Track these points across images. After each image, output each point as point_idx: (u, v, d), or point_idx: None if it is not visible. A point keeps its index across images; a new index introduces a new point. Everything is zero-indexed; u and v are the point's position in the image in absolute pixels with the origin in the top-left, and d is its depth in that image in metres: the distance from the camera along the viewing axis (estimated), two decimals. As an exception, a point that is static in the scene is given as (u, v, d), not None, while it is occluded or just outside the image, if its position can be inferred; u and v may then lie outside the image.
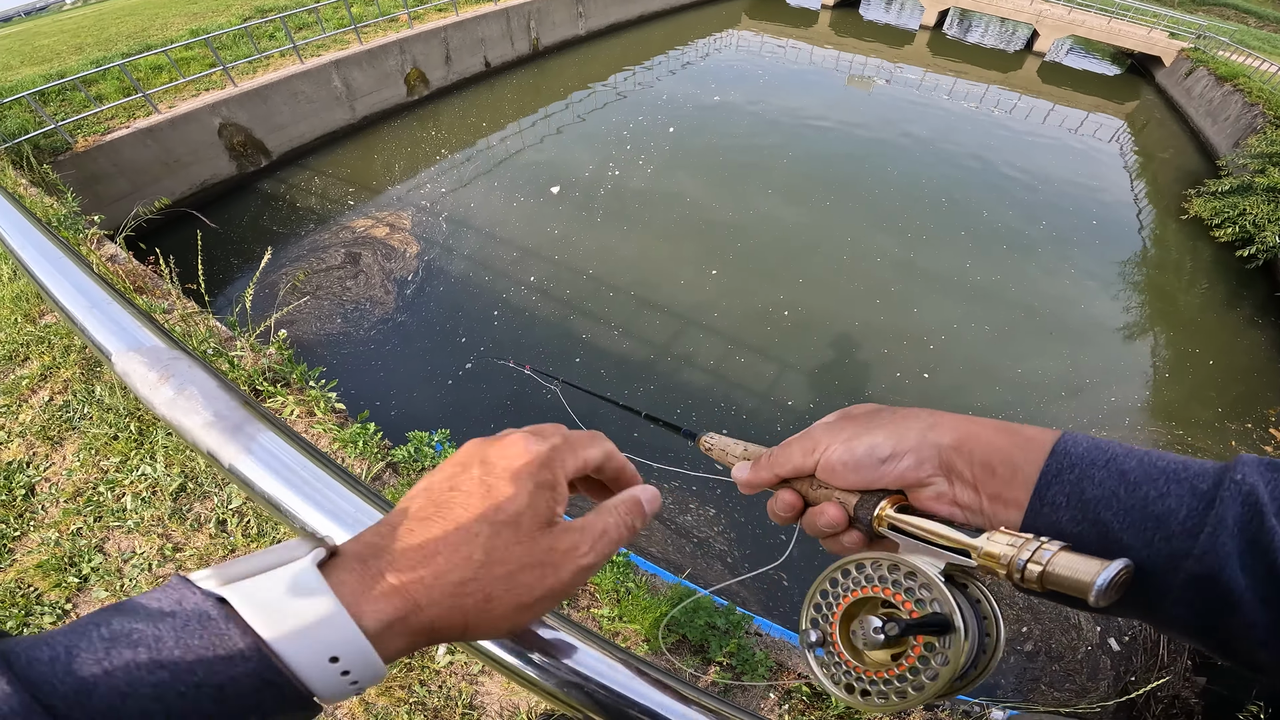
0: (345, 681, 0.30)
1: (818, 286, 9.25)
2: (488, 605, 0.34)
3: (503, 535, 0.36)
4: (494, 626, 0.36)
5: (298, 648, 0.29)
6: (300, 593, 0.30)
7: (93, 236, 5.50)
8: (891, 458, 0.43)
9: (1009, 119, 16.87)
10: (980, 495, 0.40)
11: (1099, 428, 7.36)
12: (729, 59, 19.71)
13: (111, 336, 0.69)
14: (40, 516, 2.85)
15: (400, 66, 13.85)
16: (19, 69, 11.74)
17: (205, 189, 10.68)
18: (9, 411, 3.37)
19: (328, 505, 0.53)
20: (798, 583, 5.70)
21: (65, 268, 0.85)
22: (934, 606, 0.39)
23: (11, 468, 3.05)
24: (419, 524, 0.35)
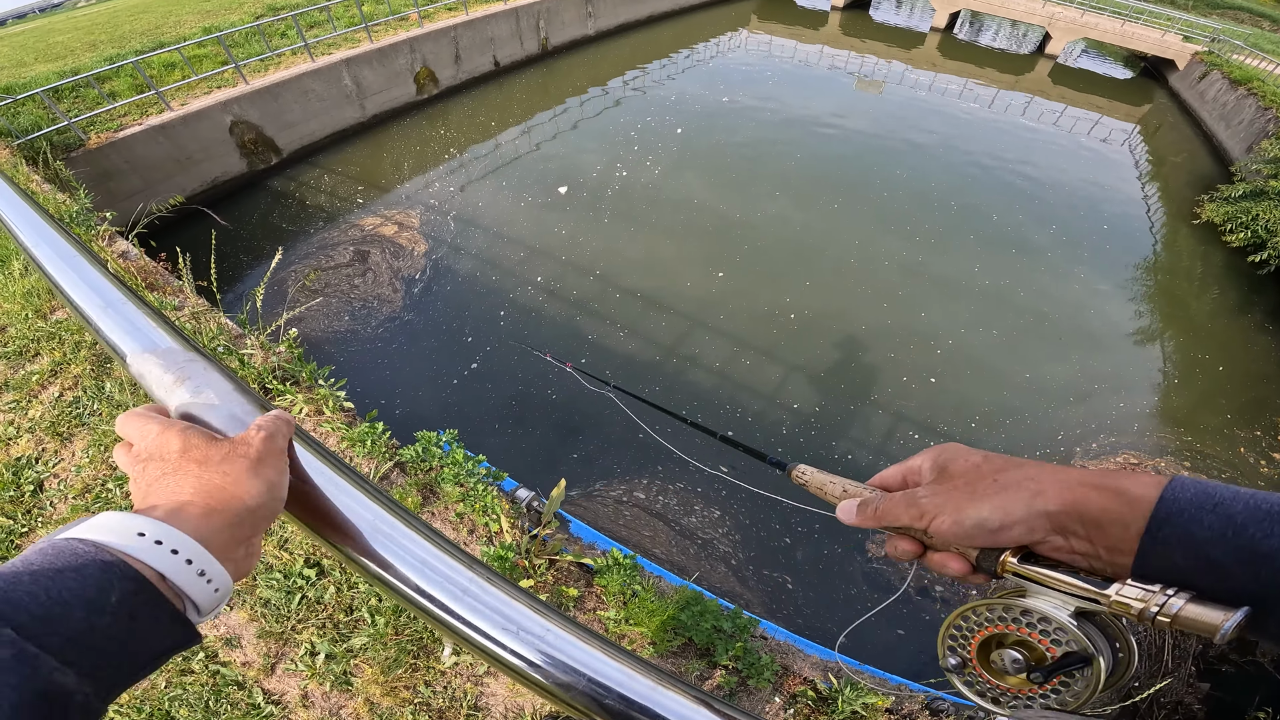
0: (161, 551, 0.40)
1: (825, 289, 9.23)
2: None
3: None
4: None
5: (116, 538, 0.39)
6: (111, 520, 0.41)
7: (104, 233, 5.54)
8: (1002, 529, 0.46)
9: (1020, 122, 16.78)
10: (1096, 546, 0.43)
11: (1107, 433, 7.32)
12: (738, 60, 19.68)
13: (126, 337, 0.69)
14: (48, 513, 2.85)
15: (410, 65, 13.90)
16: (33, 65, 11.84)
17: (216, 186, 10.75)
18: (19, 407, 3.39)
19: (346, 509, 0.54)
20: (802, 586, 5.69)
21: (79, 266, 0.84)
22: (1070, 645, 0.44)
23: (20, 463, 3.06)
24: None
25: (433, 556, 0.53)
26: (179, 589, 0.40)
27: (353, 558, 0.53)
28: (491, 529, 2.60)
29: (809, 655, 3.24)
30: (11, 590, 0.33)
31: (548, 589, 2.44)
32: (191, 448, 0.49)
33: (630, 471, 6.50)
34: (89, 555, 0.36)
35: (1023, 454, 5.23)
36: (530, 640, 0.49)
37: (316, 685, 2.28)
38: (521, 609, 0.51)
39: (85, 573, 0.35)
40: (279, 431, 0.54)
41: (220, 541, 0.44)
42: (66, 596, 0.34)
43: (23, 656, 0.30)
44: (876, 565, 5.90)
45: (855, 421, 7.26)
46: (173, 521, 0.42)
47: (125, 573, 0.37)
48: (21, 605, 0.32)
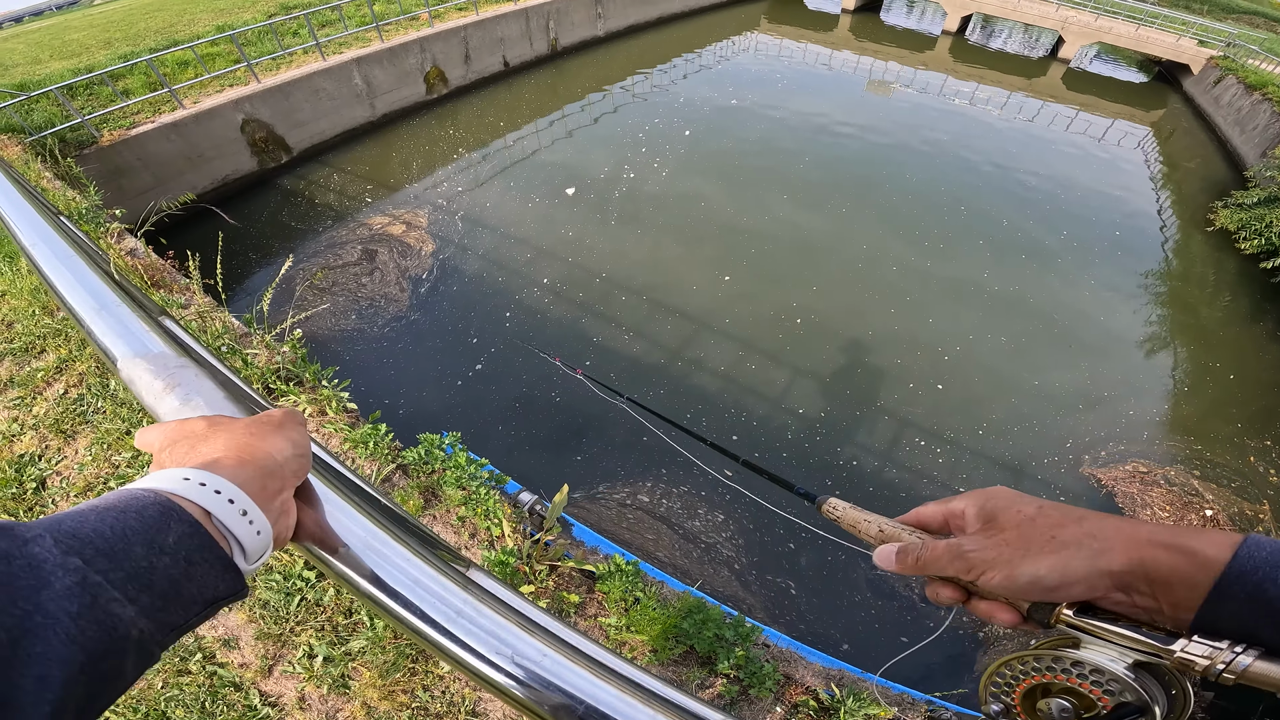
0: (205, 491, 0.42)
1: (832, 293, 9.19)
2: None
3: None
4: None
5: (162, 482, 0.42)
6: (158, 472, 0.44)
7: (113, 230, 5.57)
8: (1061, 587, 0.44)
9: (1031, 126, 16.67)
10: (1160, 603, 0.41)
11: (1116, 441, 7.25)
12: (747, 62, 19.65)
13: (119, 340, 0.68)
14: (50, 511, 2.85)
15: (420, 65, 13.95)
16: (48, 63, 11.96)
17: (226, 184, 10.82)
18: (24, 404, 3.39)
19: (336, 523, 0.54)
20: (805, 591, 5.66)
21: (75, 266, 0.84)
22: (1125, 696, 0.43)
23: (24, 460, 3.06)
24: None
25: (426, 575, 0.52)
26: (225, 527, 0.42)
27: (343, 575, 0.52)
28: (493, 533, 2.58)
29: (811, 663, 3.21)
30: (80, 525, 0.34)
31: (549, 595, 2.42)
32: (215, 423, 0.51)
33: (634, 474, 6.49)
34: (148, 498, 0.38)
35: (1030, 461, 5.21)
36: (526, 666, 0.48)
37: (314, 688, 2.27)
38: (518, 633, 0.49)
39: (146, 514, 0.37)
40: (298, 411, 0.57)
41: (255, 489, 0.45)
42: (129, 534, 0.35)
43: (86, 584, 0.31)
44: (881, 573, 5.82)
45: (861, 427, 7.22)
46: (212, 470, 0.44)
47: (181, 515, 0.39)
48: (87, 539, 0.33)
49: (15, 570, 0.29)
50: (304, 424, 0.56)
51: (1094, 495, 6.68)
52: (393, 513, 0.90)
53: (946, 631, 5.47)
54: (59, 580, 0.30)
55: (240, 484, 0.44)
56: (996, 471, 6.80)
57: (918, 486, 6.62)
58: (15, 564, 0.30)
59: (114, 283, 0.83)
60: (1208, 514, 6.47)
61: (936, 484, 6.66)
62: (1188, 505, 6.56)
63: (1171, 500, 6.60)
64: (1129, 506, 6.51)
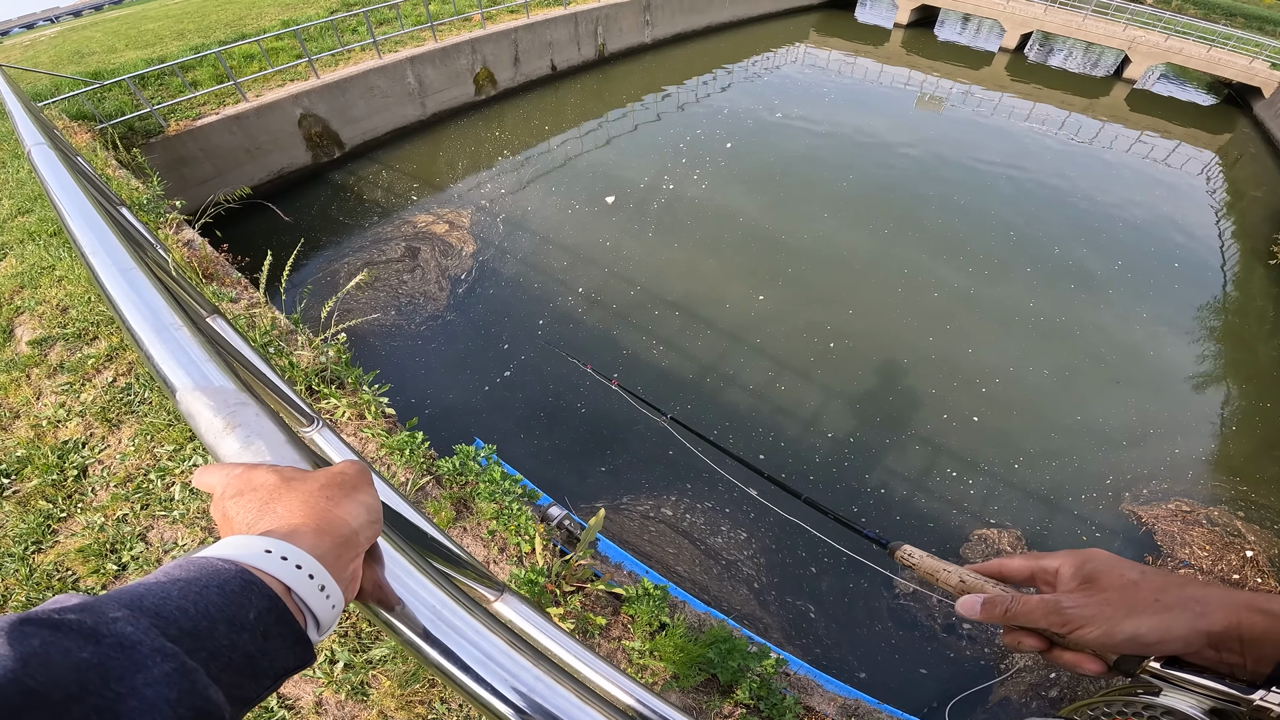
0: (287, 566, 0.41)
1: (868, 316, 9.05)
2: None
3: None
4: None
5: (245, 553, 0.41)
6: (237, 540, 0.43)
7: (172, 221, 5.79)
8: (1158, 644, 0.48)
9: (1090, 148, 16.12)
10: (1245, 659, 0.46)
11: (1159, 479, 7.00)
12: (794, 74, 19.49)
13: (179, 369, 0.65)
14: (89, 499, 2.85)
15: (471, 66, 14.22)
16: (123, 52, 12.54)
17: (282, 176, 11.21)
18: (72, 390, 3.40)
19: (393, 579, 0.54)
20: (824, 617, 5.60)
21: (136, 281, 0.81)
22: None
23: (67, 447, 3.06)
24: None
25: (486, 640, 0.51)
26: (304, 603, 0.41)
27: (395, 629, 0.52)
28: (523, 549, 2.64)
29: (828, 691, 3.19)
30: (163, 603, 0.33)
31: (575, 616, 2.46)
32: (288, 478, 0.50)
33: (659, 488, 6.51)
34: (230, 572, 0.38)
35: (1066, 496, 5.10)
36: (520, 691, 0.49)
37: (332, 693, 2.26)
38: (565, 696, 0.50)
39: (228, 589, 0.36)
40: (366, 467, 0.57)
41: (331, 560, 0.45)
42: (213, 612, 0.35)
43: (184, 670, 0.30)
44: (903, 602, 5.76)
45: (891, 454, 7.10)
46: (291, 541, 0.43)
47: (263, 590, 0.38)
48: (171, 618, 0.33)
49: (106, 650, 0.28)
50: (372, 482, 0.55)
51: (1133, 533, 6.46)
52: (431, 540, 0.93)
53: (954, 663, 5.36)
54: (156, 665, 0.29)
55: (319, 556, 0.44)
56: (1031, 505, 6.63)
57: (947, 517, 6.49)
58: (105, 643, 0.29)
59: (169, 292, 0.80)
60: (1248, 555, 6.23)
61: (967, 514, 6.52)
62: (1228, 546, 6.32)
63: (1212, 540, 6.36)
64: (1168, 545, 6.30)
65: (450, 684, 0.49)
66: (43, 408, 3.29)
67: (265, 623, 0.38)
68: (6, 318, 4.02)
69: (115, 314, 0.75)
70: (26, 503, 2.81)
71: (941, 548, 6.17)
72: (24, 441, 3.06)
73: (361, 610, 0.53)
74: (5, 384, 3.42)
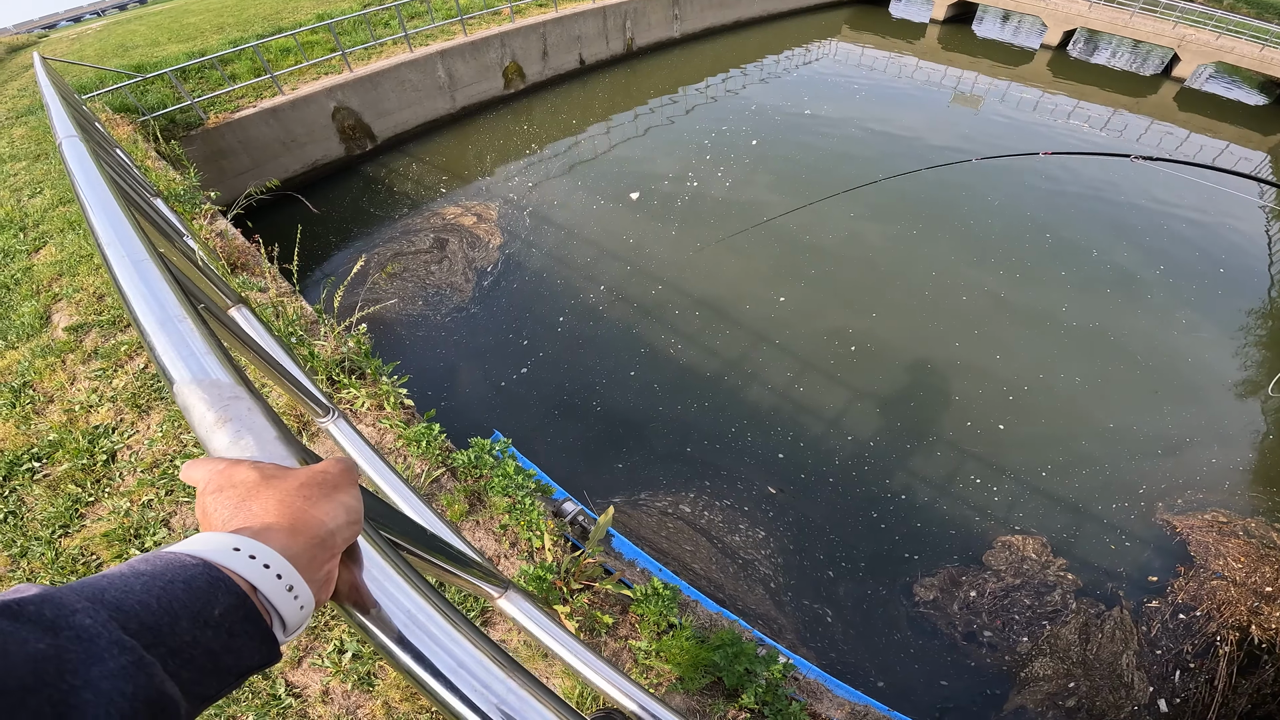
0: (255, 565, 0.41)
1: (893, 319, 8.87)
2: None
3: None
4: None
5: (212, 550, 0.40)
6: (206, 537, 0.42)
7: (206, 212, 5.95)
8: None
9: (1137, 148, 15.57)
10: None
11: (1195, 489, 6.77)
12: (824, 70, 19.18)
13: (178, 361, 0.65)
14: (116, 484, 2.90)
15: (500, 60, 14.31)
16: (166, 45, 12.91)
17: (315, 169, 11.43)
18: (105, 376, 3.48)
19: (371, 581, 0.53)
20: (841, 622, 5.53)
21: (147, 273, 0.81)
22: None
23: (98, 432, 3.12)
24: None
25: (462, 650, 0.50)
26: (270, 603, 0.41)
27: (368, 631, 0.51)
28: (534, 544, 2.65)
29: (837, 695, 3.15)
30: (125, 596, 0.33)
31: (582, 614, 2.46)
32: (268, 476, 0.49)
33: (677, 485, 6.49)
34: (196, 568, 0.37)
35: (1096, 505, 5.02)
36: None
37: (339, 683, 2.28)
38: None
39: (194, 585, 0.36)
40: (352, 465, 0.55)
41: (304, 562, 0.44)
42: (176, 607, 0.34)
43: (141, 664, 0.30)
44: (922, 610, 5.66)
45: (912, 460, 6.97)
46: (262, 539, 0.43)
47: (229, 588, 0.38)
48: (132, 612, 0.32)
49: (63, 642, 0.28)
50: (357, 481, 0.55)
51: (1166, 543, 6.27)
52: (433, 537, 0.92)
53: (974, 672, 5.26)
54: (113, 658, 0.29)
55: (290, 557, 0.43)
56: (1059, 513, 6.46)
57: (970, 524, 6.36)
58: (63, 635, 0.29)
59: (180, 284, 0.80)
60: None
61: (991, 520, 6.38)
62: (1264, 558, 6.10)
63: (1247, 552, 6.14)
64: (1201, 556, 6.11)
65: (422, 691, 0.48)
66: (76, 393, 3.39)
67: (231, 620, 0.37)
68: (45, 304, 4.16)
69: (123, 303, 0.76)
70: (56, 486, 2.88)
71: (964, 554, 6.05)
72: (56, 426, 3.15)
73: (336, 608, 0.53)
74: (41, 369, 3.53)
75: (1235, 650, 5.30)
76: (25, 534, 2.70)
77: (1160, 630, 5.55)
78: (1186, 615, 5.67)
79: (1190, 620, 5.63)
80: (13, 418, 3.25)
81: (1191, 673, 5.25)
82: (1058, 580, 5.88)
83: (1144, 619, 5.63)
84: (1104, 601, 5.74)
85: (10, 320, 4.04)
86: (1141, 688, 5.09)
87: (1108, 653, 5.34)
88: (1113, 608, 5.68)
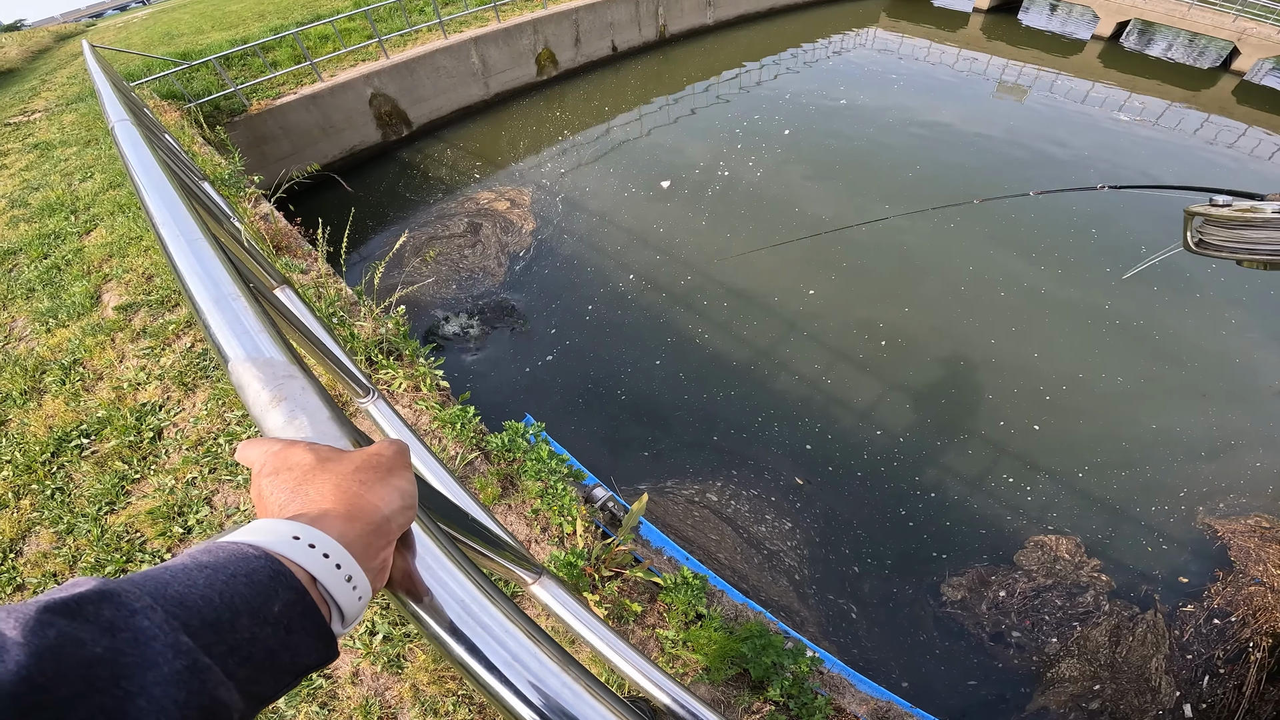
0: (315, 554, 0.40)
1: (926, 314, 8.67)
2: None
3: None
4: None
5: (273, 539, 0.39)
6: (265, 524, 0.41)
7: (250, 195, 6.10)
8: None
9: (1192, 141, 14.87)
10: None
11: (1238, 493, 6.53)
12: (861, 58, 18.71)
13: (233, 339, 0.65)
14: (162, 461, 2.94)
15: (533, 46, 14.30)
16: (209, 33, 13.22)
17: (353, 154, 11.62)
18: (153, 354, 3.56)
19: (425, 569, 0.52)
20: (865, 619, 5.48)
21: (201, 252, 0.81)
22: None
23: (145, 409, 3.18)
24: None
25: (515, 641, 0.48)
26: (329, 594, 0.40)
27: (420, 620, 0.50)
28: (565, 530, 2.66)
29: (859, 691, 3.13)
30: (187, 592, 0.32)
31: (612, 601, 2.47)
32: (323, 458, 0.48)
33: (704, 473, 6.49)
34: (259, 562, 0.36)
35: (1134, 507, 4.95)
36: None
37: (369, 665, 2.30)
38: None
39: (255, 579, 0.35)
40: (405, 448, 0.54)
41: (360, 549, 0.43)
42: (237, 603, 0.33)
43: (195, 669, 0.29)
44: (949, 610, 5.58)
45: (943, 457, 6.84)
46: (319, 526, 0.42)
47: (290, 582, 0.37)
48: (195, 608, 0.32)
49: (120, 645, 0.27)
50: (410, 465, 0.54)
51: (1205, 547, 6.07)
52: (473, 521, 0.92)
53: (1000, 672, 5.17)
54: (168, 663, 0.28)
55: (348, 544, 0.42)
56: (1095, 514, 6.29)
57: (1001, 523, 6.23)
58: (120, 637, 0.28)
59: (233, 264, 0.81)
60: (1327, 576, 5.78)
61: (1024, 520, 6.24)
62: None
63: None
64: (1241, 561, 5.91)
65: (473, 682, 0.47)
66: (124, 370, 3.48)
67: (289, 616, 0.36)
68: (95, 284, 4.29)
69: (179, 282, 0.77)
70: (104, 463, 2.94)
71: (994, 554, 5.93)
72: (105, 403, 3.24)
73: (389, 596, 0.52)
74: (91, 347, 3.65)
75: (1266, 657, 5.15)
76: (72, 510, 2.75)
77: (1193, 635, 5.40)
78: (1221, 620, 5.51)
79: (1224, 625, 5.46)
80: (63, 394, 3.33)
81: (1221, 678, 5.11)
82: (1091, 581, 5.74)
83: (1177, 623, 5.48)
84: (1138, 604, 5.60)
85: (62, 300, 4.18)
86: (1168, 692, 4.99)
87: (1137, 656, 5.22)
88: (1146, 610, 5.53)
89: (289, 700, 2.23)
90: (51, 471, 2.94)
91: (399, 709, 2.22)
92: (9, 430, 3.18)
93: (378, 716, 2.19)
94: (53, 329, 3.91)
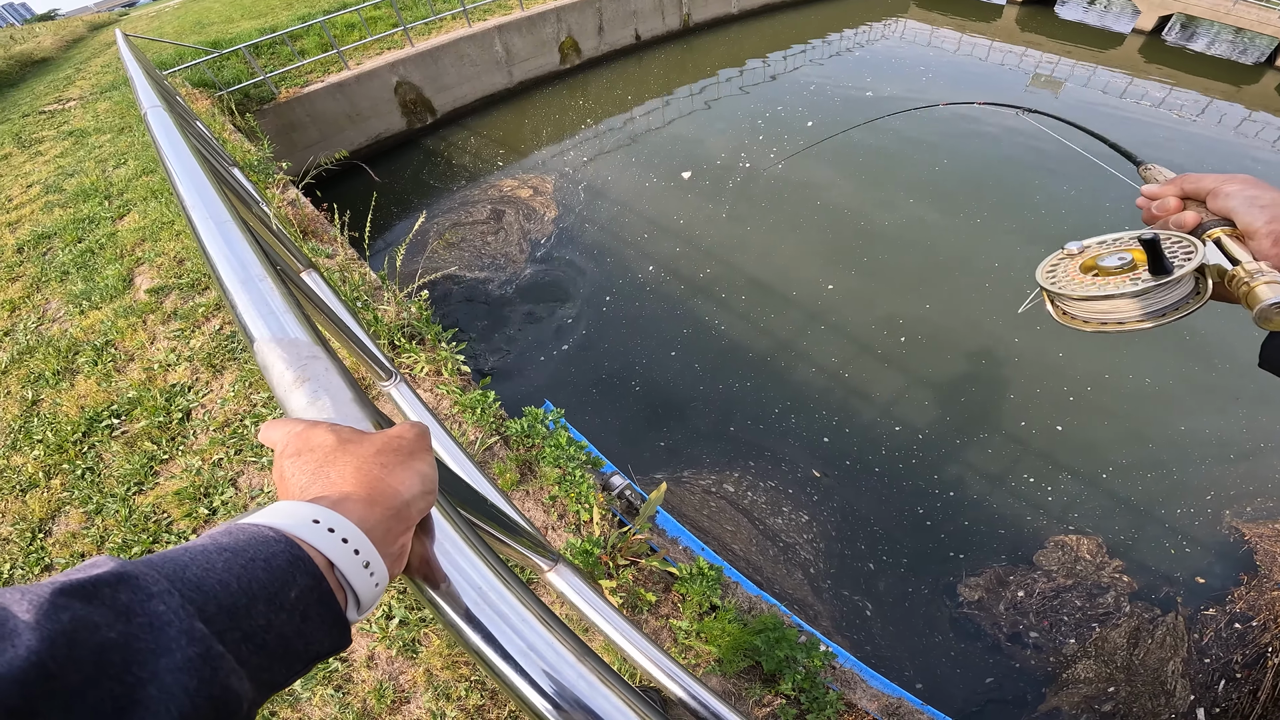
0: (333, 539, 0.40)
1: (949, 311, 8.50)
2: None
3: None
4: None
5: (293, 523, 0.39)
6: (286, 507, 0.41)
7: (279, 181, 6.19)
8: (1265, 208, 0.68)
9: (1235, 137, 14.36)
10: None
11: (1266, 497, 6.34)
12: (890, 50, 18.33)
13: (259, 320, 0.66)
14: (190, 442, 2.98)
15: (556, 35, 14.25)
16: (239, 22, 13.39)
17: (379, 142, 11.73)
18: (183, 336, 3.62)
19: (442, 555, 0.51)
20: (880, 616, 5.44)
21: (230, 234, 0.82)
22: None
23: (175, 390, 3.23)
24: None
25: (531, 629, 0.47)
26: (345, 579, 0.40)
27: (436, 605, 0.50)
28: (582, 517, 2.68)
29: (871, 686, 3.12)
30: (205, 576, 0.32)
31: (626, 590, 2.49)
32: (345, 440, 0.48)
33: (720, 464, 6.48)
34: (278, 546, 0.36)
35: (1159, 509, 4.79)
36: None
37: (384, 648, 2.32)
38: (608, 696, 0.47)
39: (274, 564, 0.35)
40: (426, 431, 0.54)
41: (379, 534, 0.43)
42: (254, 588, 0.33)
43: (208, 656, 0.29)
44: (967, 610, 5.52)
45: (962, 456, 6.74)
46: (339, 510, 0.41)
47: (308, 568, 0.37)
48: (212, 593, 0.31)
49: (135, 630, 0.27)
50: (431, 448, 0.53)
51: (1231, 550, 5.92)
52: (491, 506, 0.93)
53: (1015, 672, 5.12)
54: (181, 650, 0.28)
55: (367, 529, 0.42)
56: (1118, 515, 6.15)
57: (1021, 523, 6.13)
58: (135, 622, 0.27)
59: (261, 246, 0.82)
60: (1357, 582, 5.62)
61: (1045, 519, 6.13)
62: None
63: None
64: (1266, 565, 5.77)
65: (487, 669, 0.47)
66: (155, 352, 3.56)
67: (305, 603, 0.36)
68: (128, 267, 4.40)
69: (207, 263, 0.79)
70: (133, 444, 2.99)
71: (1013, 554, 5.85)
72: (136, 384, 3.32)
73: (406, 580, 0.51)
74: (123, 329, 3.74)
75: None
76: (101, 490, 2.79)
77: (1212, 638, 5.29)
78: (1242, 625, 5.39)
79: (1245, 630, 5.34)
80: (94, 375, 3.41)
81: (1237, 683, 5.01)
82: (1112, 582, 5.64)
83: (1197, 626, 5.37)
84: (1159, 606, 5.49)
85: (95, 282, 4.28)
86: (1183, 695, 4.90)
87: (1155, 658, 5.13)
88: (1168, 613, 5.43)
89: (304, 683, 2.25)
90: (82, 451, 2.99)
91: (413, 693, 2.23)
92: (42, 410, 3.25)
93: (391, 700, 2.21)
94: (86, 311, 4.00)
